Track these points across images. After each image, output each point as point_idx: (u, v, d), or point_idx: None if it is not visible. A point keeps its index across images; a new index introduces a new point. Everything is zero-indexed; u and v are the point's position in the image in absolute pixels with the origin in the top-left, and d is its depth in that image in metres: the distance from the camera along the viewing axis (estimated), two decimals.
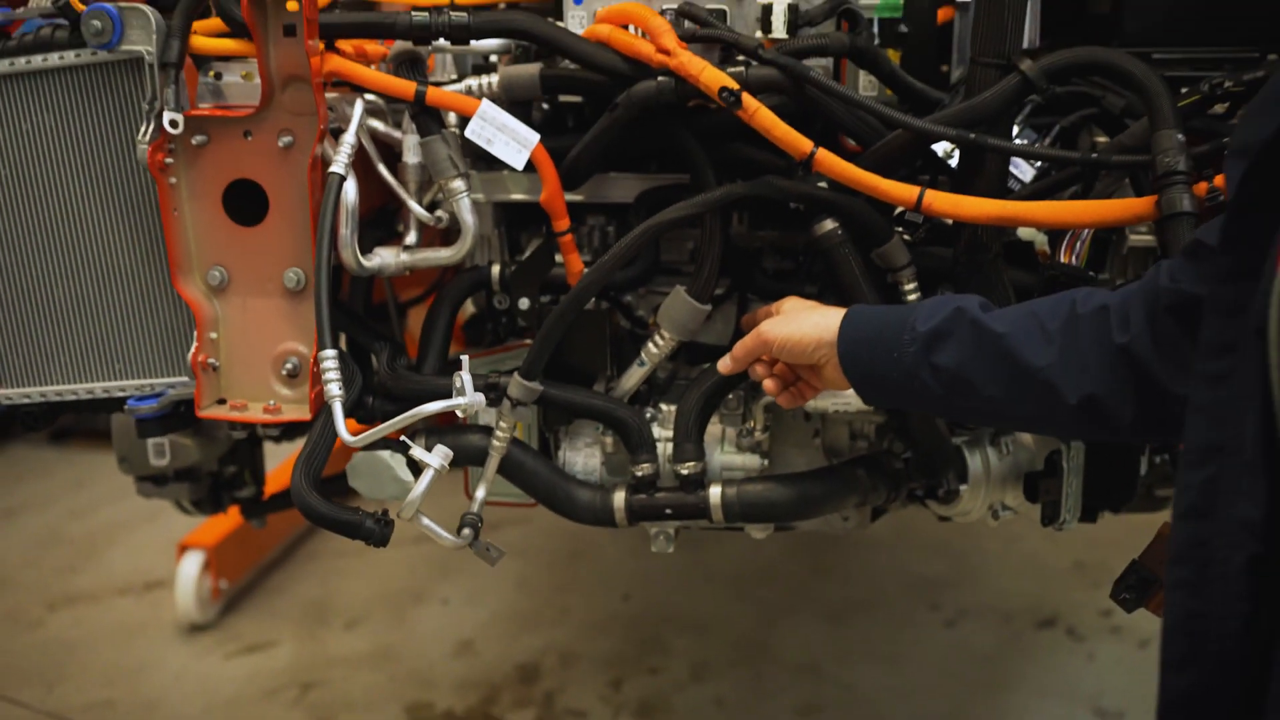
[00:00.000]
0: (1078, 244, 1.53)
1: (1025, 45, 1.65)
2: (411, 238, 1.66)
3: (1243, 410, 0.94)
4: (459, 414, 1.47)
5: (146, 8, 1.53)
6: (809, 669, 3.14)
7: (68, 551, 3.80)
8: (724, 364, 1.57)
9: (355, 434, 1.43)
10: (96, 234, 1.64)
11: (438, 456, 1.45)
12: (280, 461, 2.92)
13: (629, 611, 3.43)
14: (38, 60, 1.60)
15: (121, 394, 1.66)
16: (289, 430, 2.13)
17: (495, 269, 1.74)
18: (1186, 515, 0.99)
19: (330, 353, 1.45)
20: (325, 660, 3.19)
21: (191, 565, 3.29)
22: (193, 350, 1.59)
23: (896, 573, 3.64)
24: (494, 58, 1.73)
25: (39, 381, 1.69)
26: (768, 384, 1.52)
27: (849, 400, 1.59)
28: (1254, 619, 0.95)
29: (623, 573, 3.64)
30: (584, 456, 1.76)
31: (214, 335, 1.59)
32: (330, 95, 1.57)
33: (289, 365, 1.59)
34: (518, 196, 1.72)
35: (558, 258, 1.69)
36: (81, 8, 1.55)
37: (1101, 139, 1.62)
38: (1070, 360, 1.23)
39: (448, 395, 1.46)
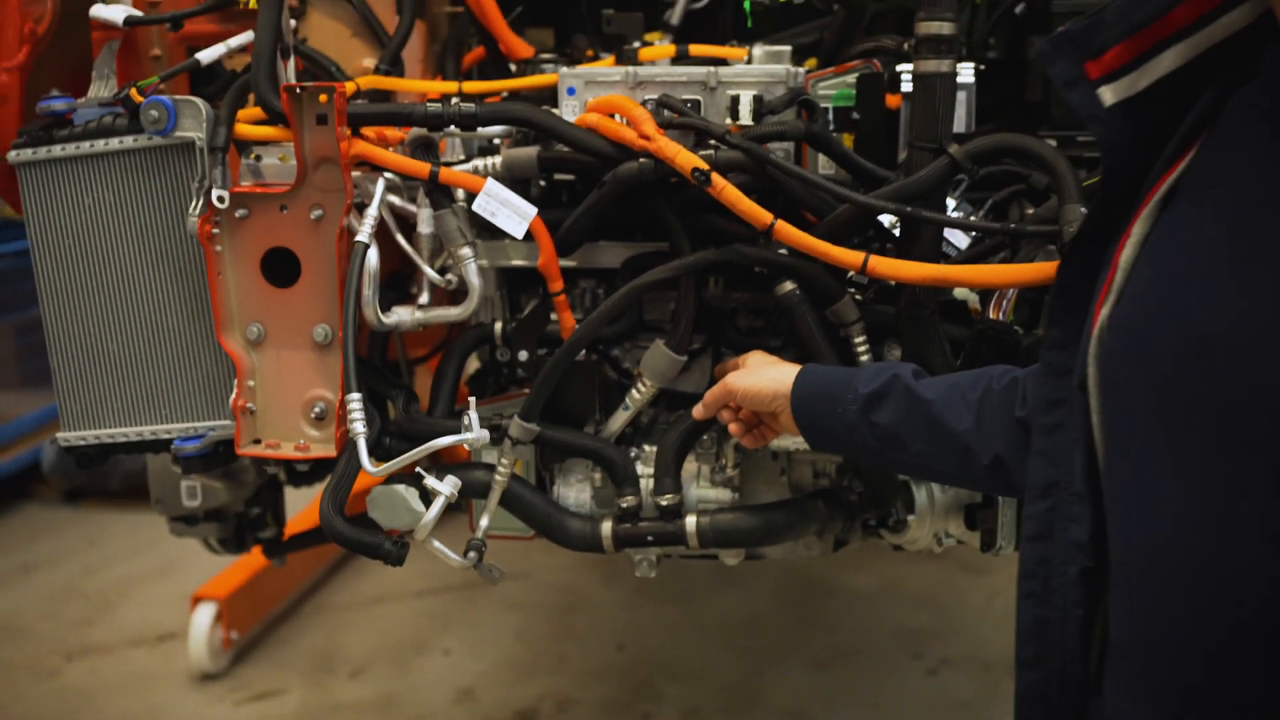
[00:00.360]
0: (1004, 302, 1.79)
1: (963, 130, 1.93)
2: (424, 298, 1.92)
3: (1071, 452, 1.16)
4: (466, 448, 1.73)
5: (198, 100, 1.81)
6: (796, 715, 3.35)
7: (83, 605, 4.03)
8: (697, 410, 1.81)
9: (376, 467, 1.70)
10: (148, 294, 1.90)
11: (448, 485, 1.70)
12: (296, 510, 3.17)
13: (623, 660, 3.65)
14: (100, 144, 1.87)
15: (168, 436, 1.92)
16: (310, 475, 2.40)
17: (498, 325, 1.99)
18: (1032, 539, 1.20)
19: (355, 395, 1.71)
20: (331, 707, 3.41)
21: (204, 616, 3.52)
22: (234, 396, 1.85)
23: (881, 624, 3.86)
24: (497, 141, 2.00)
25: (95, 425, 1.94)
26: (733, 427, 1.75)
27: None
28: (1087, 621, 1.15)
29: (617, 624, 3.86)
30: (576, 491, 2.00)
31: (252, 383, 1.86)
32: (355, 174, 1.84)
33: (317, 409, 1.85)
34: (517, 262, 1.96)
35: (553, 316, 1.93)
36: (140, 99, 1.84)
37: (1031, 211, 1.90)
38: (984, 427, 1.41)
39: (458, 434, 1.72)
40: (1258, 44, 1.04)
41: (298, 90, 1.75)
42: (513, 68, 2.25)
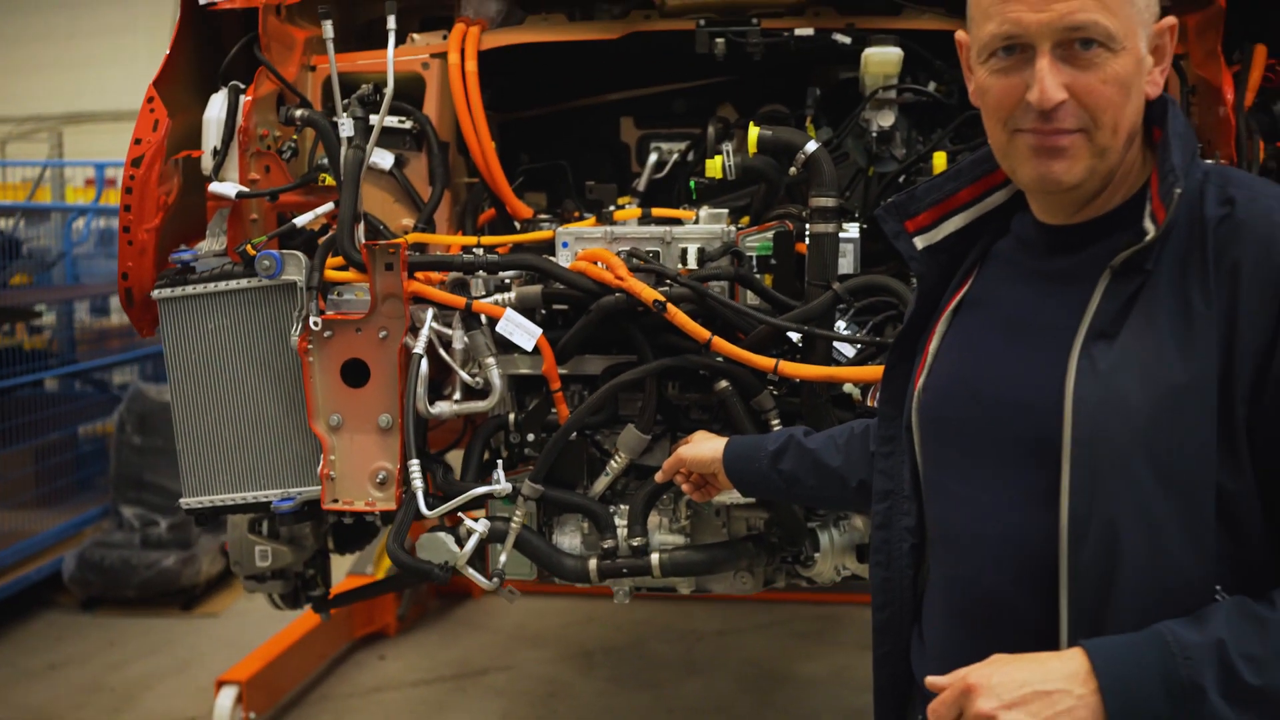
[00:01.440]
0: (878, 393, 2.72)
1: (850, 271, 2.88)
2: (458, 395, 2.85)
3: (901, 469, 1.93)
4: (494, 496, 2.64)
5: (299, 253, 2.76)
6: None
7: (110, 697, 4.83)
8: (658, 475, 2.70)
9: (430, 510, 2.60)
10: (254, 394, 2.83)
11: (481, 525, 2.61)
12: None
13: None
14: (222, 285, 2.82)
15: (266, 499, 2.82)
16: (352, 544, 3.29)
17: (511, 416, 2.91)
18: (878, 528, 1.92)
19: (414, 460, 2.63)
20: None
21: (227, 698, 4.33)
22: (320, 467, 2.77)
23: (830, 706, 4.68)
24: (510, 280, 2.94)
25: (210, 492, 2.85)
26: (684, 486, 2.61)
27: (739, 497, 2.75)
28: (915, 578, 1.89)
29: (594, 709, 4.66)
30: (569, 537, 2.90)
31: (333, 457, 2.77)
32: (411, 306, 2.78)
33: (381, 476, 2.76)
34: (524, 370, 2.87)
35: (552, 409, 2.86)
36: (254, 252, 2.78)
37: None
38: (850, 462, 2.16)
39: (488, 491, 2.63)
40: (1011, 212, 1.81)
41: (374, 247, 2.70)
42: (516, 225, 3.21)
